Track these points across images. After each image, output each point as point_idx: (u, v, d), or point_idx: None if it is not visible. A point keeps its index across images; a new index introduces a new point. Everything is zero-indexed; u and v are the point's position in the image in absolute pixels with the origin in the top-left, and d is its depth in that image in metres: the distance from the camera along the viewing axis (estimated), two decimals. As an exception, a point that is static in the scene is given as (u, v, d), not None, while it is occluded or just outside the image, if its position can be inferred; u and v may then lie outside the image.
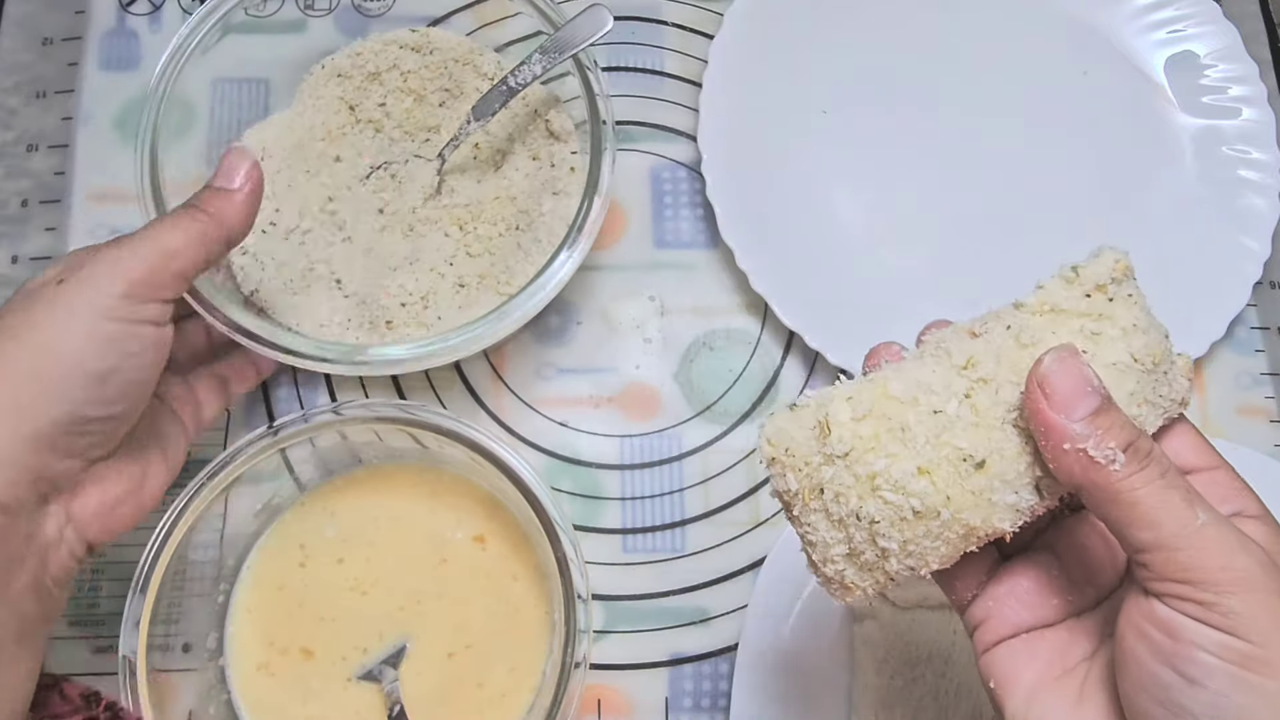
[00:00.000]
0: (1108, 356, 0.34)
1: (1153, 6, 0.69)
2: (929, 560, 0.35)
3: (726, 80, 0.66)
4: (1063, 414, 0.32)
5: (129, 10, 0.71)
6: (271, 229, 0.61)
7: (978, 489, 0.34)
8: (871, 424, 0.34)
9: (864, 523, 0.34)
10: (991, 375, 0.34)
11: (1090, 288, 0.35)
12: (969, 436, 0.34)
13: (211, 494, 0.52)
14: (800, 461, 0.35)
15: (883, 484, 0.34)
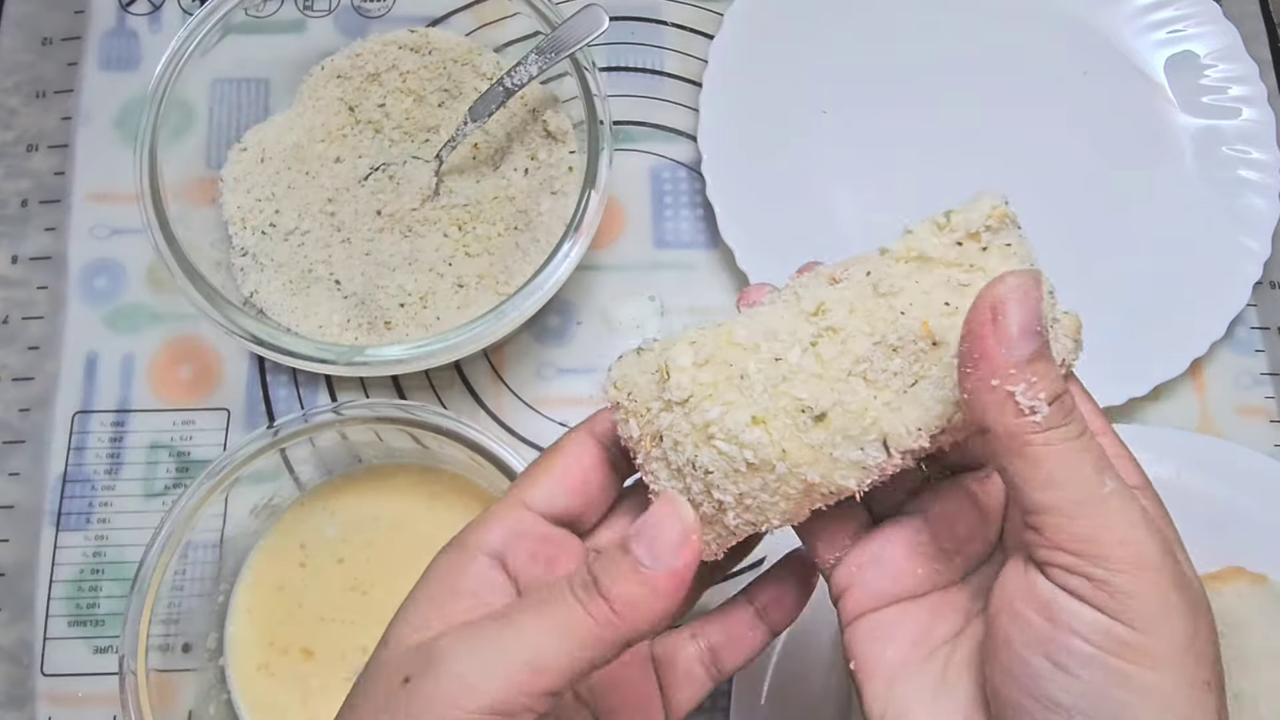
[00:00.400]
0: None
1: (1153, 6, 0.69)
2: (769, 517, 0.33)
3: (726, 80, 0.66)
4: (1005, 347, 0.29)
5: (129, 10, 0.71)
6: (271, 230, 0.61)
7: (817, 443, 0.32)
8: (711, 370, 0.32)
9: (699, 473, 0.32)
10: (841, 324, 0.32)
11: (962, 235, 0.32)
12: (810, 387, 0.31)
13: (211, 494, 0.52)
14: (642, 407, 0.33)
15: (717, 433, 0.32)
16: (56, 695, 0.58)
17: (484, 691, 0.30)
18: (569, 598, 0.31)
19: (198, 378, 0.63)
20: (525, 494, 0.35)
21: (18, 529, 0.60)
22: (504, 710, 0.30)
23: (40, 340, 0.64)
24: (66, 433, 0.62)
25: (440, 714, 0.30)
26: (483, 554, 0.34)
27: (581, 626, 0.30)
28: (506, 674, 0.30)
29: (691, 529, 0.31)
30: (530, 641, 0.30)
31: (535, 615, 0.31)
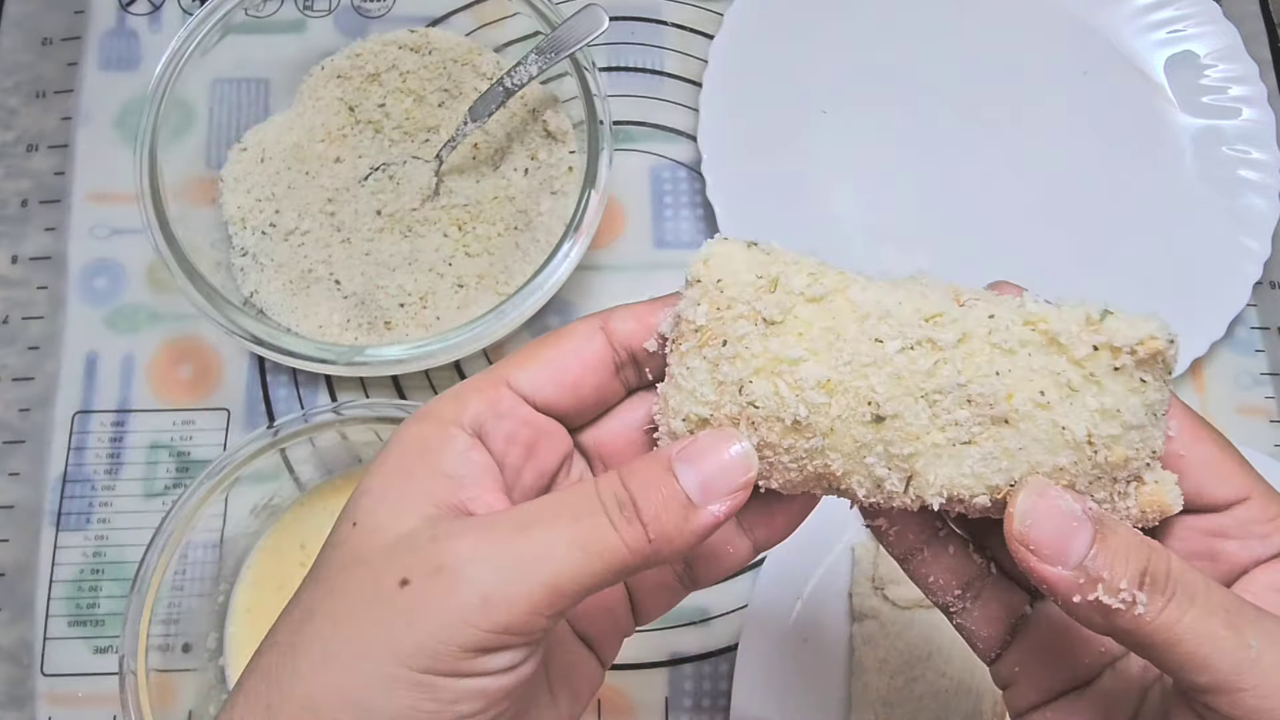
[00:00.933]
0: (1062, 417, 0.30)
1: (1153, 6, 0.69)
2: (772, 477, 0.31)
3: (726, 80, 0.66)
4: (1059, 563, 0.27)
5: (129, 10, 0.71)
6: (271, 230, 0.61)
7: (861, 439, 0.30)
8: (815, 311, 0.31)
9: (744, 399, 0.30)
10: (944, 345, 0.30)
11: (1104, 344, 0.30)
12: (887, 385, 0.30)
13: (211, 494, 0.52)
14: (725, 300, 0.31)
15: (786, 372, 0.30)
16: (56, 695, 0.58)
17: (502, 611, 0.27)
18: (602, 515, 0.28)
19: (198, 378, 0.63)
20: (510, 373, 0.31)
21: (18, 529, 0.60)
22: (519, 630, 0.27)
23: (40, 340, 0.64)
24: (66, 433, 0.62)
25: (451, 627, 0.27)
26: (461, 430, 0.30)
27: (611, 549, 0.28)
28: (527, 593, 0.27)
29: (751, 475, 0.29)
30: (554, 558, 0.27)
31: (561, 529, 0.28)
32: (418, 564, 0.27)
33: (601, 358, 0.32)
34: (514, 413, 0.31)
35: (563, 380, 0.32)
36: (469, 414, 0.31)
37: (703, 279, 0.31)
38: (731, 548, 0.34)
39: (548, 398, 0.32)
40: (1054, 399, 0.30)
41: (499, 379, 0.31)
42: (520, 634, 0.27)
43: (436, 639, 0.26)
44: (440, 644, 0.26)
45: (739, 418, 0.31)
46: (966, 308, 0.31)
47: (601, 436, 0.34)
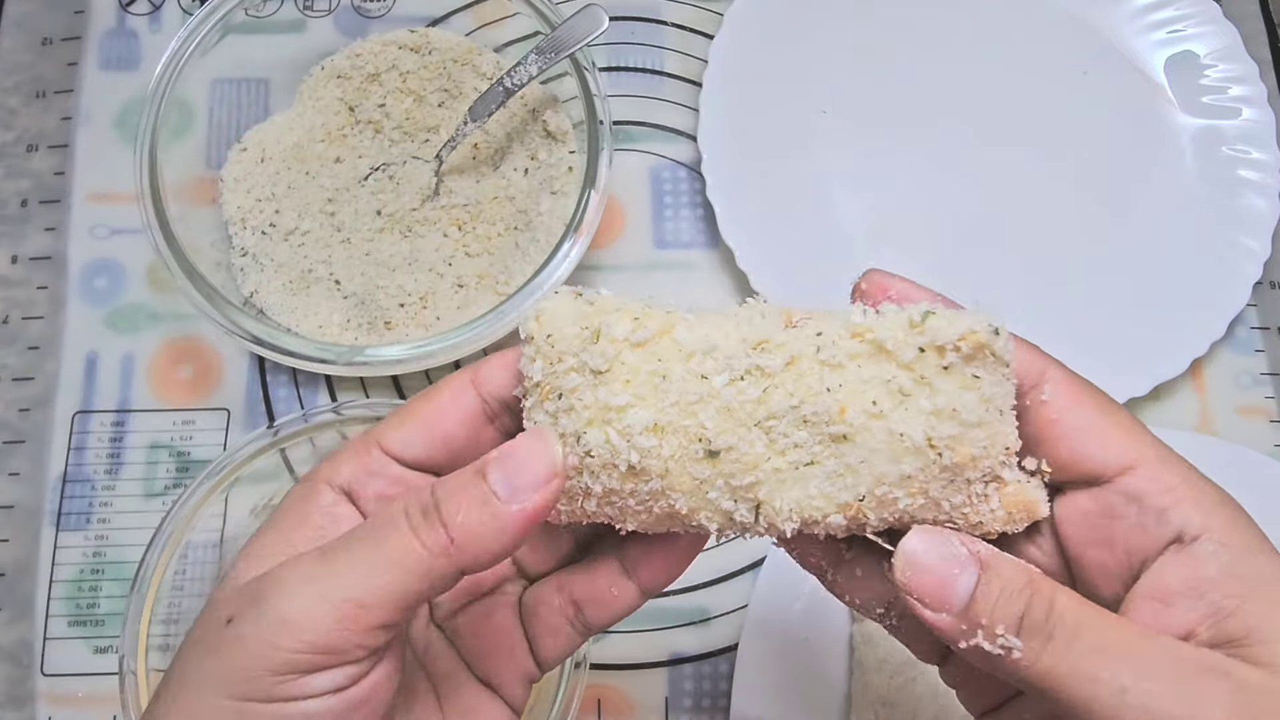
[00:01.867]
0: (897, 424, 0.29)
1: (1153, 6, 0.69)
2: (626, 520, 0.32)
3: (726, 80, 0.66)
4: (940, 609, 0.27)
5: (129, 10, 0.71)
6: (271, 230, 0.62)
7: (700, 476, 0.30)
8: (639, 356, 0.31)
9: (580, 449, 0.30)
10: (772, 371, 0.30)
11: (928, 344, 0.30)
12: (716, 420, 0.30)
13: (211, 494, 0.52)
14: (555, 355, 0.31)
15: (614, 420, 0.30)
16: (56, 695, 0.58)
17: (306, 629, 0.28)
18: (402, 524, 0.29)
19: (198, 378, 0.63)
20: (382, 435, 0.33)
21: (18, 529, 0.60)
22: (328, 649, 0.28)
23: (40, 340, 0.64)
24: (66, 433, 0.62)
25: (259, 654, 0.28)
26: (329, 487, 0.32)
27: (412, 556, 0.28)
28: (330, 611, 0.28)
29: (558, 470, 0.29)
30: (356, 574, 0.28)
31: (362, 547, 0.29)
32: (241, 601, 0.29)
33: (472, 411, 0.33)
34: (384, 471, 0.32)
35: (432, 436, 0.32)
36: (341, 475, 0.32)
37: (535, 336, 0.32)
38: (616, 589, 0.34)
39: (417, 455, 0.32)
40: (887, 407, 0.30)
41: (371, 441, 0.32)
42: (331, 653, 0.28)
43: (248, 666, 0.28)
44: (252, 670, 0.27)
45: (581, 467, 0.31)
46: (797, 328, 0.31)
47: None
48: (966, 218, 0.66)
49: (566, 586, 0.35)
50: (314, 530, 0.31)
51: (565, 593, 0.35)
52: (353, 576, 0.28)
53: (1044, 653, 0.26)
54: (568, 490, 0.31)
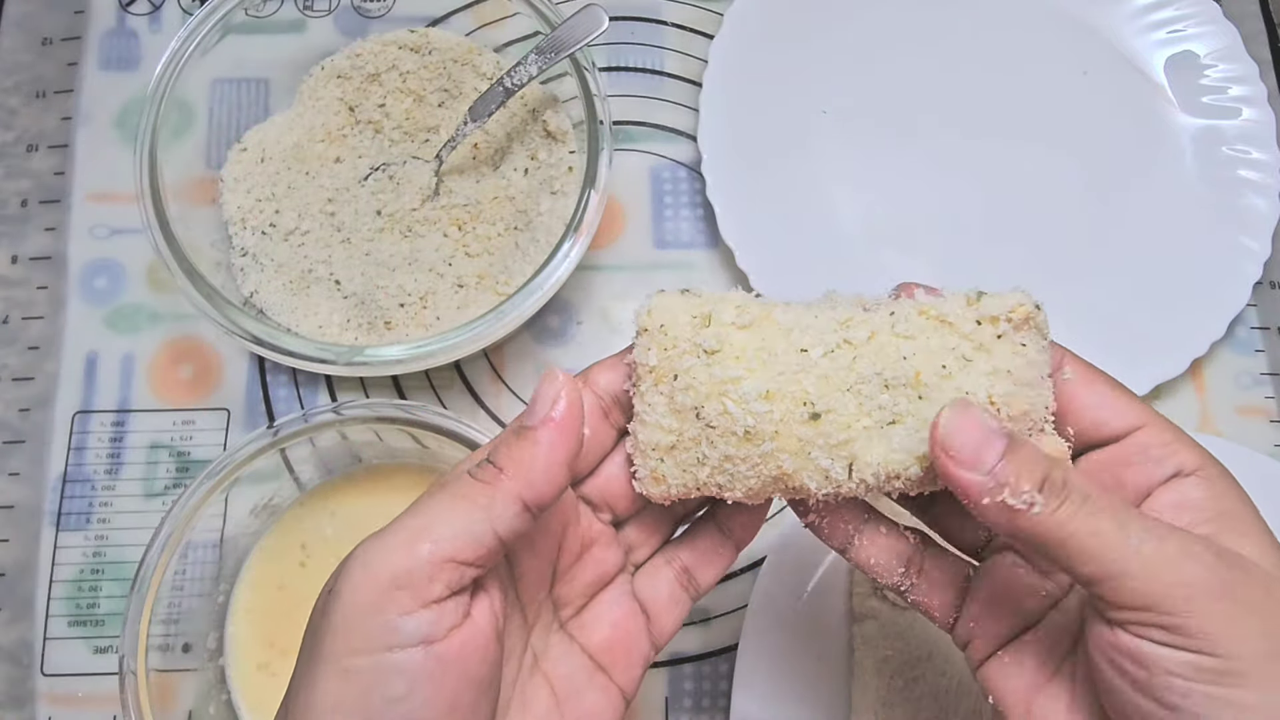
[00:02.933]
0: (963, 384, 0.34)
1: (1153, 6, 0.69)
2: (735, 487, 0.36)
3: (726, 80, 0.66)
4: (973, 469, 0.32)
5: (129, 10, 0.71)
6: (271, 230, 0.62)
7: (804, 437, 0.35)
8: (746, 336, 0.36)
9: (700, 422, 0.35)
10: (858, 343, 0.35)
11: (984, 317, 0.35)
12: (817, 386, 0.35)
13: (211, 494, 0.52)
14: (670, 341, 0.36)
15: (730, 391, 0.35)
16: (56, 695, 0.58)
17: (384, 567, 0.31)
18: (463, 475, 0.33)
19: (198, 378, 0.63)
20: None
21: (18, 529, 0.60)
22: (406, 581, 0.31)
23: (40, 340, 0.64)
24: (66, 433, 0.62)
25: (349, 603, 0.31)
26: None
27: (472, 490, 0.33)
28: (403, 546, 0.32)
29: (566, 387, 0.34)
30: (426, 515, 0.33)
31: (431, 495, 0.33)
32: (340, 570, 0.32)
33: (591, 409, 0.37)
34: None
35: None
36: None
37: (649, 327, 0.36)
38: (720, 550, 0.40)
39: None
40: (954, 369, 0.35)
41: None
42: (411, 587, 0.31)
43: (343, 619, 0.31)
44: (347, 623, 0.31)
45: (699, 439, 0.35)
46: (871, 311, 0.36)
47: (601, 484, 0.38)
48: (966, 218, 0.66)
49: (675, 558, 0.40)
50: None
51: (675, 563, 0.40)
52: (423, 517, 0.32)
53: (1061, 507, 0.31)
54: (682, 461, 0.36)
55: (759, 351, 0.35)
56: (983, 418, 0.32)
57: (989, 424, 0.32)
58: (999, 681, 0.36)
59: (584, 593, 0.39)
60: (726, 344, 0.35)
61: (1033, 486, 0.31)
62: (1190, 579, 0.30)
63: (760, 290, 0.62)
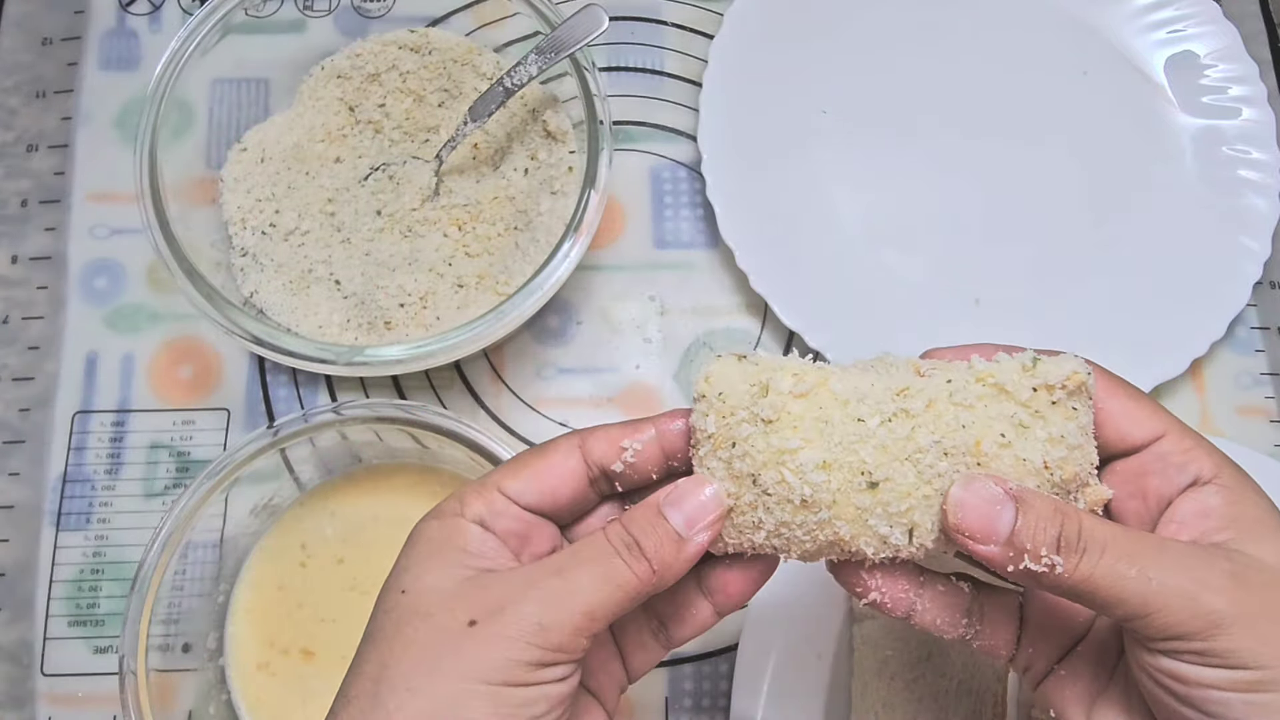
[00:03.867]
0: (1021, 452, 0.35)
1: (1153, 6, 0.69)
2: (791, 550, 0.37)
3: (726, 80, 0.66)
4: (989, 543, 0.34)
5: (129, 10, 0.71)
6: (271, 230, 0.61)
7: (862, 506, 0.36)
8: (803, 405, 0.36)
9: (757, 489, 0.36)
10: (916, 412, 0.36)
11: (1040, 384, 0.36)
12: (875, 455, 0.36)
13: (211, 494, 0.52)
14: (728, 409, 0.36)
15: (788, 461, 0.35)
16: (56, 695, 0.58)
17: (555, 632, 0.34)
18: (615, 556, 0.35)
19: (198, 378, 0.63)
20: (501, 481, 0.38)
21: (18, 529, 0.60)
22: (564, 647, 0.34)
23: (40, 340, 0.64)
24: (66, 433, 0.62)
25: (514, 649, 0.34)
26: (469, 521, 0.37)
27: (627, 579, 0.35)
28: (570, 618, 0.34)
29: (723, 510, 0.36)
30: (586, 590, 0.35)
31: (588, 568, 0.35)
32: (479, 607, 0.34)
33: (577, 472, 0.38)
34: (507, 511, 0.37)
35: (544, 489, 0.38)
36: (471, 511, 0.37)
37: (707, 394, 0.37)
38: (696, 611, 0.40)
39: (530, 502, 0.38)
40: (1012, 438, 0.36)
41: (492, 485, 0.37)
42: (567, 651, 0.34)
43: (508, 658, 0.33)
44: (510, 662, 0.33)
45: (756, 504, 0.36)
46: (927, 378, 0.37)
47: (582, 532, 0.40)
48: (966, 218, 0.66)
49: (652, 604, 0.40)
50: (474, 555, 0.36)
51: (651, 610, 0.40)
52: (587, 592, 0.35)
53: (1081, 563, 0.33)
54: (739, 524, 0.37)
55: (816, 421, 0.36)
56: (988, 490, 0.34)
57: (993, 492, 0.34)
58: (1059, 695, 0.38)
59: None
60: (784, 413, 0.36)
61: (1050, 549, 0.33)
62: (1210, 608, 0.32)
63: (760, 290, 0.62)
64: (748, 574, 0.39)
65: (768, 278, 0.62)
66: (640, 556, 0.35)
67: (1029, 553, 0.33)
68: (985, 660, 0.55)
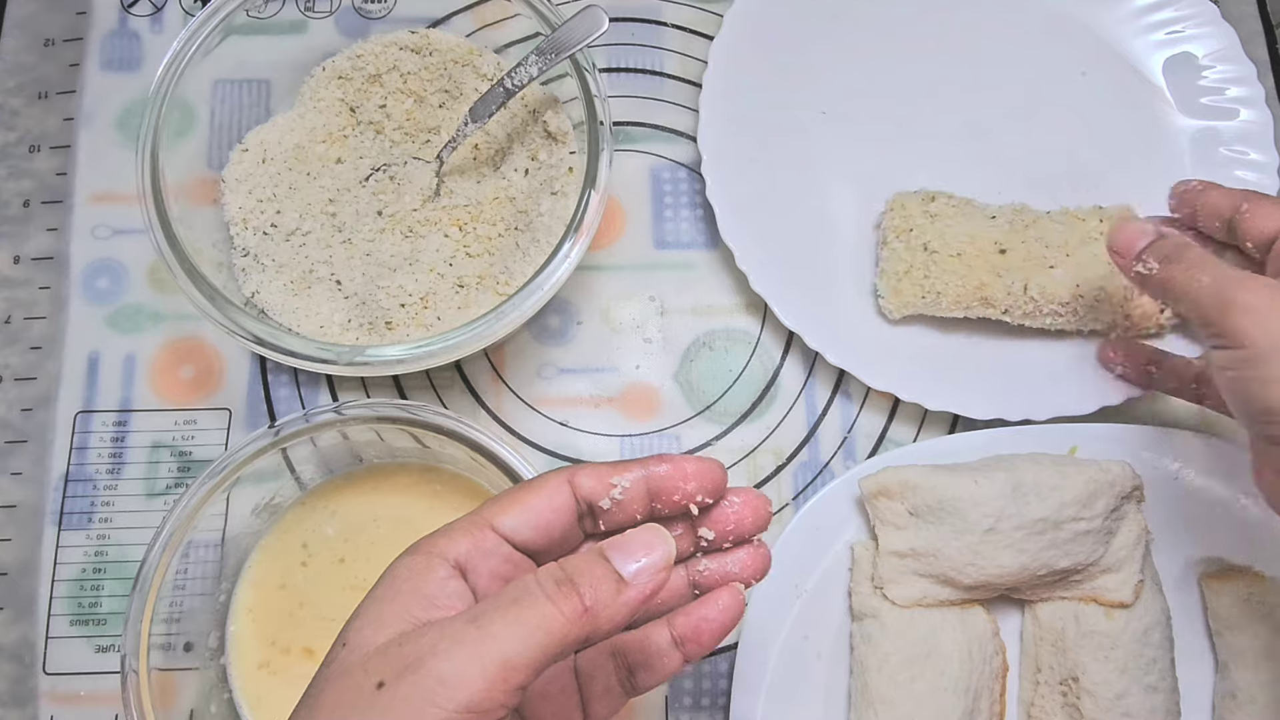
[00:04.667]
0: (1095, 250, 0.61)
1: (1151, 8, 0.70)
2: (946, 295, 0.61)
3: (726, 81, 0.67)
4: (1127, 256, 0.52)
5: (130, 11, 0.71)
6: (272, 231, 0.62)
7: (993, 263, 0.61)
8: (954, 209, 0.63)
9: (927, 253, 0.61)
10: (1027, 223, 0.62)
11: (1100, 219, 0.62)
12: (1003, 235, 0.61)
13: (213, 493, 0.52)
14: (906, 214, 0.63)
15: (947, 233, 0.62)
16: (58, 694, 0.58)
17: (461, 689, 0.31)
18: (539, 595, 0.33)
19: (199, 378, 0.63)
20: (493, 517, 0.36)
21: (20, 528, 0.61)
22: (480, 707, 0.31)
23: (42, 340, 0.64)
24: (68, 432, 0.62)
25: (417, 712, 0.30)
26: (446, 562, 0.35)
27: (554, 621, 0.32)
28: (482, 672, 0.31)
29: (670, 562, 0.34)
30: (503, 639, 0.32)
31: (506, 613, 0.32)
32: (389, 667, 0.32)
33: (568, 506, 0.37)
34: (497, 551, 0.36)
35: (537, 524, 0.37)
36: (457, 550, 0.35)
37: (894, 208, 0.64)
38: (665, 659, 0.39)
39: (524, 539, 0.37)
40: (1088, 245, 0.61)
41: (484, 522, 0.36)
42: (481, 710, 0.31)
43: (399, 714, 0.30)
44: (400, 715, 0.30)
45: (927, 264, 0.61)
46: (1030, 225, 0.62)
47: None
48: (966, 218, 0.66)
49: (620, 652, 0.40)
50: (429, 601, 0.34)
51: (619, 658, 0.40)
52: (502, 639, 0.31)
53: (1168, 268, 0.50)
54: (915, 279, 0.61)
55: (962, 216, 0.62)
56: (1139, 225, 0.52)
57: (1143, 228, 0.52)
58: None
59: None
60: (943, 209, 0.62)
61: (1155, 259, 0.50)
62: (1227, 296, 0.46)
63: (760, 290, 0.62)
64: (719, 620, 0.39)
65: (768, 278, 0.63)
66: (572, 594, 0.33)
67: (1144, 263, 0.51)
68: (985, 660, 0.55)
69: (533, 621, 0.32)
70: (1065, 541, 0.54)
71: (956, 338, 0.63)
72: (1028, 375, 0.62)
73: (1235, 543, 0.58)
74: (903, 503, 0.55)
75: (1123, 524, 0.55)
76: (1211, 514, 0.58)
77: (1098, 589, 0.55)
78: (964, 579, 0.54)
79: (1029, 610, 0.58)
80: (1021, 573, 0.54)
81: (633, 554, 0.34)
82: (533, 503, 0.37)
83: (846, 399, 0.64)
